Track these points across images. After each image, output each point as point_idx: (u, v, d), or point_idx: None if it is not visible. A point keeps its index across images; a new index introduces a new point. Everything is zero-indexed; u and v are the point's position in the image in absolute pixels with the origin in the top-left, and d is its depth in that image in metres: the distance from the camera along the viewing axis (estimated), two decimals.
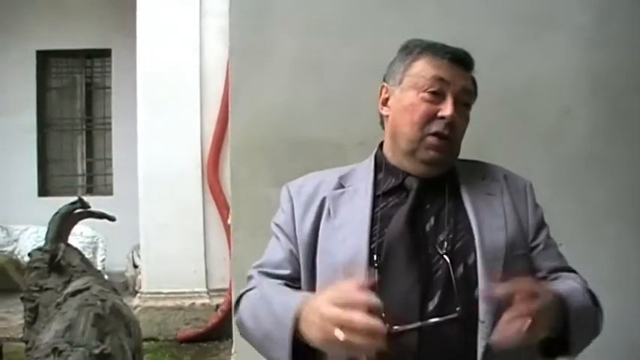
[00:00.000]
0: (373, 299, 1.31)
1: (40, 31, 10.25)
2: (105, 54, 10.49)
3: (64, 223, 4.01)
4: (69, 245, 4.03)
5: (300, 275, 1.66)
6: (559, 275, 1.68)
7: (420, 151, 1.64)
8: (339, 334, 1.27)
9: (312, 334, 1.37)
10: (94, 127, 10.99)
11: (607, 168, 2.93)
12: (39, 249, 3.98)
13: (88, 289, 3.40)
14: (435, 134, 1.62)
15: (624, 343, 2.85)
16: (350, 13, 2.82)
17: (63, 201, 5.44)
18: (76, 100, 10.89)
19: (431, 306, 1.50)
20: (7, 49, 10.27)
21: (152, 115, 7.43)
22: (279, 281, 1.65)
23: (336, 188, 1.71)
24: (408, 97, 1.65)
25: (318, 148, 2.57)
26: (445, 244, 1.57)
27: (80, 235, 9.06)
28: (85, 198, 10.31)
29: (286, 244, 1.70)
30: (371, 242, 1.58)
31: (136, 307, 7.11)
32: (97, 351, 2.73)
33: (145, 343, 6.89)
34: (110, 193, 10.48)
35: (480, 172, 1.76)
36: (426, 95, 1.63)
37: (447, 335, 1.49)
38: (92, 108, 11.00)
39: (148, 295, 7.51)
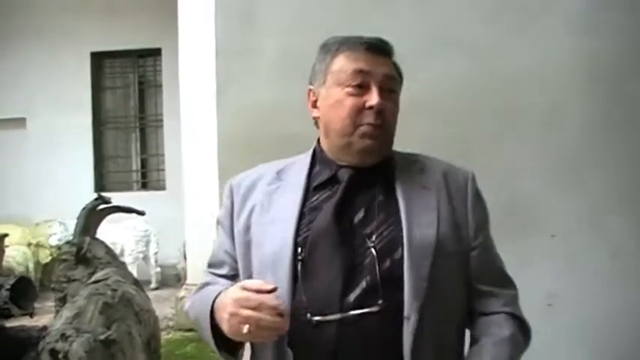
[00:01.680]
0: (277, 301, 1.43)
1: (94, 34, 10.65)
2: (155, 53, 10.82)
3: (89, 218, 4.21)
4: (95, 239, 4.24)
5: (239, 271, 1.69)
6: (488, 322, 1.65)
7: (355, 142, 1.63)
8: (246, 329, 1.42)
9: (223, 326, 1.51)
10: (146, 124, 11.34)
11: (603, 158, 2.87)
12: (67, 242, 4.21)
13: (106, 279, 3.57)
14: (367, 124, 1.62)
15: (624, 335, 2.85)
16: (334, 13, 2.87)
17: (118, 197, 5.69)
18: (129, 98, 11.26)
19: (352, 298, 1.50)
20: (63, 51, 10.71)
21: (196, 112, 7.60)
22: (222, 280, 1.73)
23: (272, 183, 1.72)
24: (333, 95, 1.65)
25: (301, 143, 2.65)
26: (373, 236, 1.56)
27: (134, 229, 9.40)
28: (139, 193, 10.75)
29: (222, 242, 1.74)
30: (297, 235, 1.59)
31: (182, 298, 7.30)
32: (102, 337, 2.87)
33: (189, 333, 7.15)
34: (163, 188, 10.81)
35: (419, 165, 1.74)
36: (350, 90, 1.62)
37: (367, 328, 1.49)
38: (145, 106, 11.36)
39: (193, 287, 7.68)
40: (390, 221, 1.59)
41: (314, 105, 1.73)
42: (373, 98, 1.61)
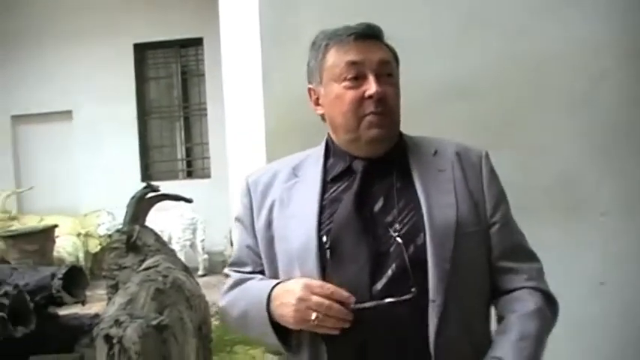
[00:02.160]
0: (348, 294, 1.50)
1: (136, 26, 10.79)
2: (197, 42, 10.89)
3: (138, 206, 4.28)
4: (145, 226, 4.30)
5: (262, 267, 1.71)
6: (511, 298, 1.65)
7: (362, 135, 1.64)
8: (314, 315, 1.49)
9: (285, 312, 1.55)
10: (190, 113, 11.45)
11: None
12: (117, 230, 4.28)
13: (156, 266, 3.63)
14: (370, 113, 1.62)
15: None
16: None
17: (164, 185, 5.76)
18: (173, 88, 11.38)
19: (380, 287, 1.52)
20: (107, 44, 10.85)
21: (239, 100, 7.63)
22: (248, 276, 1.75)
23: (289, 179, 1.73)
24: (332, 91, 1.66)
25: None
26: (395, 224, 1.57)
27: (180, 217, 9.52)
28: (185, 182, 10.86)
29: (244, 239, 1.75)
30: (320, 229, 1.60)
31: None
32: (154, 322, 2.92)
33: None
34: (208, 176, 10.90)
35: (431, 147, 1.73)
36: (347, 83, 1.63)
37: (398, 315, 1.51)
38: (188, 95, 11.47)
39: None
40: (409, 207, 1.60)
41: (317, 103, 1.75)
42: (371, 87, 1.61)
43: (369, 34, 1.67)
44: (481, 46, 2.88)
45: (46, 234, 8.98)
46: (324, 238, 1.59)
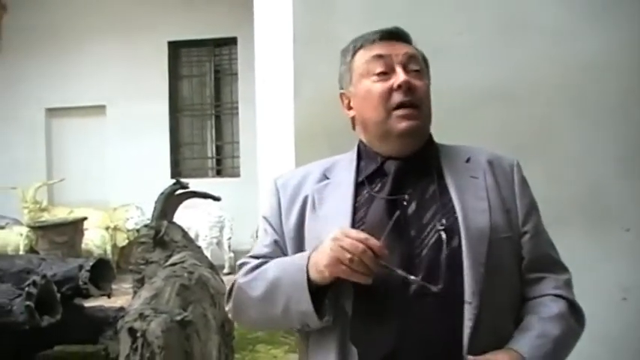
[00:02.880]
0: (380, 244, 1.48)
1: (171, 24, 10.88)
2: (231, 42, 10.96)
3: (167, 202, 4.32)
4: (172, 223, 4.35)
5: None
6: (534, 303, 1.65)
7: (392, 127, 1.64)
8: (349, 256, 1.45)
9: (319, 258, 1.52)
10: (222, 111, 11.53)
11: None
12: (145, 226, 4.33)
13: (182, 262, 3.67)
14: (400, 105, 1.63)
15: None
16: (407, 1, 2.87)
17: (193, 183, 5.81)
18: (205, 86, 11.45)
19: (413, 289, 1.52)
20: (141, 41, 10.98)
21: (271, 100, 7.66)
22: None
23: (320, 181, 1.73)
24: (362, 87, 1.68)
25: None
26: (427, 227, 1.58)
27: (208, 214, 9.57)
28: (214, 180, 10.93)
29: (272, 234, 1.73)
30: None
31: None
32: (178, 318, 2.96)
33: None
34: (238, 175, 10.94)
35: (464, 154, 1.73)
36: (375, 77, 1.65)
37: (427, 314, 1.51)
38: (220, 94, 11.54)
39: None
40: (443, 210, 1.60)
41: (348, 107, 1.76)
42: (399, 77, 1.63)
43: (396, 35, 1.70)
44: (518, 52, 2.86)
45: (76, 226, 9.08)
46: None
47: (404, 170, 1.66)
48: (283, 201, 1.74)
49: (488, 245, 1.57)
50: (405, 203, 1.61)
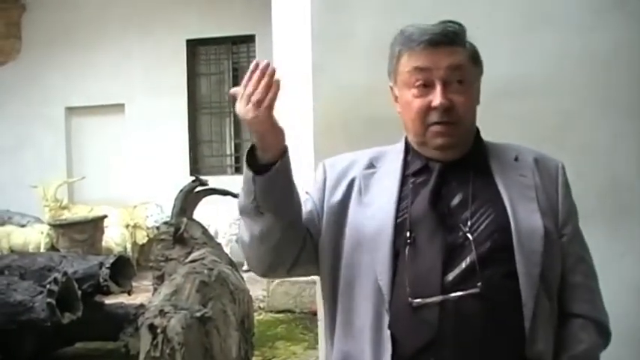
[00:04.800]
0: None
1: (189, 22, 10.91)
2: (249, 40, 10.96)
3: (186, 199, 4.34)
4: (192, 220, 4.36)
5: (316, 229, 1.71)
6: (566, 334, 1.65)
7: (428, 141, 1.65)
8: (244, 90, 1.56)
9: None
10: None
11: None
12: (165, 223, 4.35)
13: (202, 259, 3.68)
14: (436, 123, 1.62)
15: None
16: None
17: (212, 180, 5.83)
18: (224, 84, 11.43)
19: (451, 277, 1.53)
20: (160, 39, 11.01)
21: (289, 97, 7.65)
22: None
23: (368, 168, 1.75)
24: (403, 96, 1.68)
25: (395, 127, 2.64)
26: (469, 222, 1.58)
27: (227, 212, 9.56)
28: (233, 177, 10.96)
29: (311, 205, 1.75)
30: (397, 218, 1.62)
31: (273, 281, 7.43)
32: (198, 314, 2.97)
33: (280, 315, 7.30)
34: None
35: (512, 153, 1.74)
36: (415, 91, 1.63)
37: (468, 311, 1.51)
38: None
39: None
40: (488, 206, 1.61)
41: (396, 100, 1.75)
42: (437, 98, 1.60)
43: (442, 40, 1.64)
44: (537, 46, 2.84)
45: (96, 224, 9.14)
46: (400, 228, 1.60)
47: (450, 167, 1.67)
48: (329, 179, 1.77)
49: (543, 246, 1.58)
50: (449, 197, 1.63)
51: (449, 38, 1.65)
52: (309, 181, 1.99)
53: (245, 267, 9.35)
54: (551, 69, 2.83)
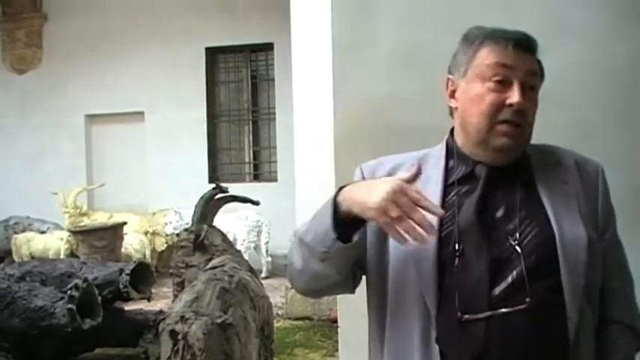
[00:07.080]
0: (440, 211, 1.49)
1: (208, 30, 11.00)
2: (268, 48, 11.04)
3: (207, 206, 4.37)
4: (212, 227, 4.39)
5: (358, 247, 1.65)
6: (604, 341, 1.64)
7: (491, 140, 1.60)
8: (395, 213, 1.42)
9: (361, 193, 1.48)
10: (259, 117, 11.61)
11: None
12: (186, 230, 4.38)
13: (222, 266, 3.70)
14: (505, 122, 1.58)
15: None
16: (448, 5, 2.87)
17: (231, 187, 5.86)
18: (243, 92, 11.54)
19: (498, 291, 1.51)
20: (180, 48, 11.12)
21: (308, 106, 7.69)
22: None
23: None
24: (474, 89, 1.61)
25: (418, 135, 2.64)
26: (516, 233, 1.55)
27: (246, 219, 9.65)
28: (251, 184, 11.01)
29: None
30: (441, 230, 1.57)
31: (292, 288, 7.42)
32: (219, 320, 2.98)
33: (299, 322, 7.31)
34: (275, 179, 11.02)
35: (553, 157, 1.71)
36: (491, 85, 1.59)
37: (516, 326, 1.49)
38: (257, 99, 11.63)
39: None
40: (532, 217, 1.58)
41: (452, 95, 1.69)
42: (515, 96, 1.58)
43: (527, 44, 1.65)
44: (557, 54, 2.84)
45: (115, 231, 9.19)
46: (445, 240, 1.57)
47: (495, 175, 1.63)
48: None
49: (588, 256, 1.55)
50: (495, 208, 1.60)
51: (532, 45, 1.66)
52: (324, 190, 1.98)
53: (263, 274, 9.48)
54: (571, 80, 2.82)
